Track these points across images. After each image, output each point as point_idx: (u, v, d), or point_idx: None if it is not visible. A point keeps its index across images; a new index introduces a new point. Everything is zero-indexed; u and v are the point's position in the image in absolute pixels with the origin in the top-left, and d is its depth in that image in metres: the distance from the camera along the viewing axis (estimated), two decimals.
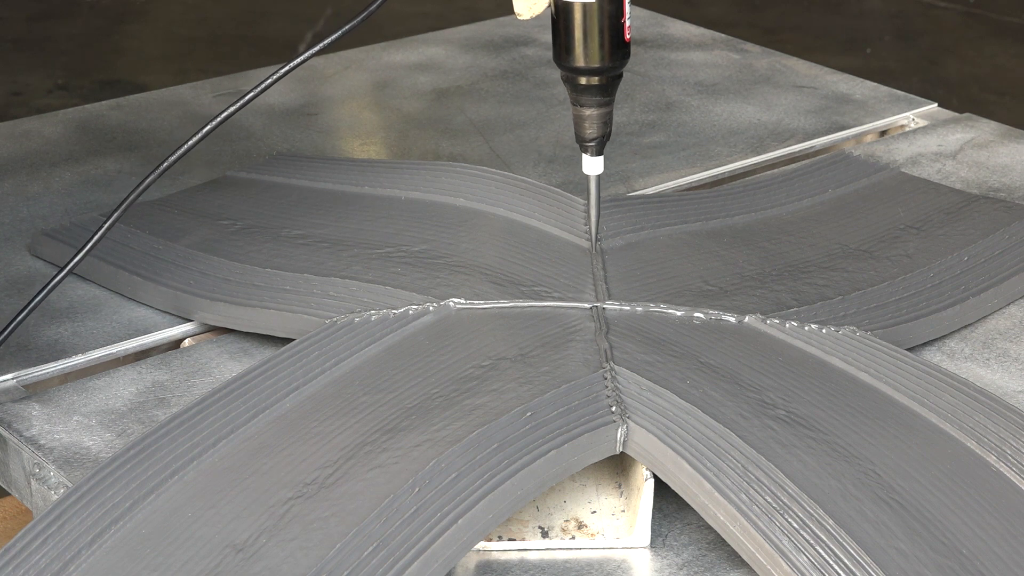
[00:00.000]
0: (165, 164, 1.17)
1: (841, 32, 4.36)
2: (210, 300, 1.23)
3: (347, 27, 1.16)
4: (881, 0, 4.65)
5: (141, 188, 1.17)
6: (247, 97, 1.17)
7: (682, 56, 1.83)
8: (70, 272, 1.17)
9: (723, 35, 1.91)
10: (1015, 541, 0.96)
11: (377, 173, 1.42)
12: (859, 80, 1.76)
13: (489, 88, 1.74)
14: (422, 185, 1.38)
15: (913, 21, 4.48)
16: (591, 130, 1.21)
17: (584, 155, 1.23)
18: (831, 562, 0.92)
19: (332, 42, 1.16)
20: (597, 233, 1.26)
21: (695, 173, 1.52)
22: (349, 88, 1.76)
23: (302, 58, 1.16)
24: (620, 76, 1.20)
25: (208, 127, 1.17)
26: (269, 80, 1.16)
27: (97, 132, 1.63)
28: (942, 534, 0.96)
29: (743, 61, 1.82)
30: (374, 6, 1.16)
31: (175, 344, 1.24)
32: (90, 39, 4.27)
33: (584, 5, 1.16)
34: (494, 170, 1.39)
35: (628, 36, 1.18)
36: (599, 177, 1.24)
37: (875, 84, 1.75)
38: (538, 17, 1.21)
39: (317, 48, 1.16)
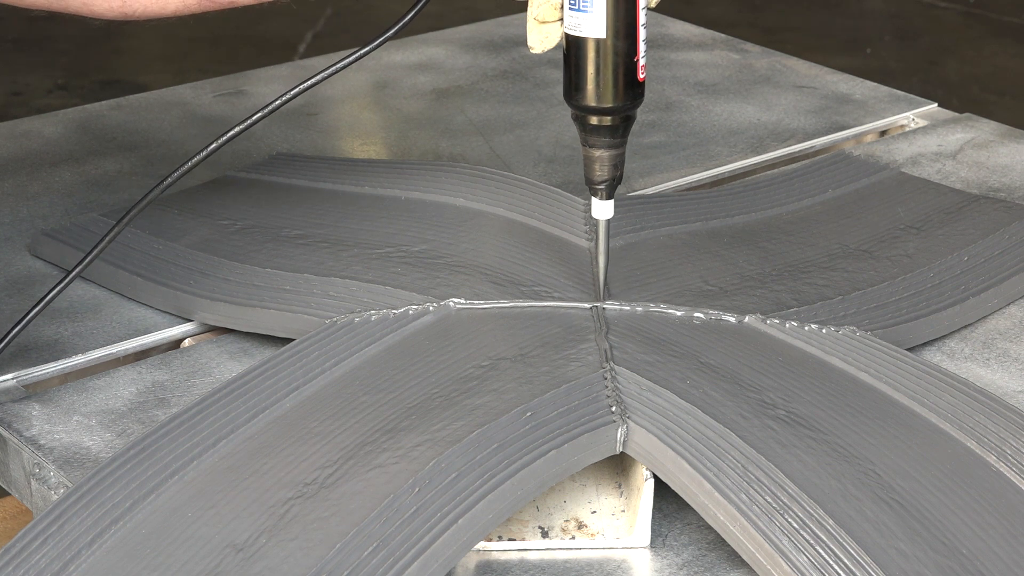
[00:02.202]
0: (189, 163, 1.17)
1: (841, 32, 4.36)
2: (210, 300, 1.23)
3: (400, 24, 1.15)
4: (881, 0, 4.65)
5: (161, 188, 1.17)
6: (277, 101, 1.17)
7: (682, 56, 1.83)
8: (67, 286, 1.16)
9: (723, 35, 1.90)
10: (1015, 541, 0.96)
11: (377, 173, 1.42)
12: (859, 80, 1.76)
13: (489, 88, 1.74)
14: (422, 185, 1.38)
15: (913, 21, 4.48)
16: (601, 172, 1.15)
17: (593, 198, 1.16)
18: (831, 562, 0.92)
19: (389, 37, 1.15)
20: (605, 280, 1.19)
21: (695, 173, 1.52)
22: (349, 88, 1.75)
23: (358, 53, 1.16)
24: (633, 117, 1.14)
25: (238, 127, 1.17)
26: (310, 81, 1.18)
27: (97, 132, 1.63)
28: (942, 534, 0.96)
29: (743, 61, 1.82)
30: (420, 5, 1.15)
31: (175, 344, 1.24)
32: (90, 39, 4.28)
33: (596, 41, 1.11)
34: (494, 170, 1.39)
35: (642, 76, 1.13)
36: (609, 222, 1.17)
37: (875, 84, 1.75)
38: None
39: (374, 45, 1.16)
